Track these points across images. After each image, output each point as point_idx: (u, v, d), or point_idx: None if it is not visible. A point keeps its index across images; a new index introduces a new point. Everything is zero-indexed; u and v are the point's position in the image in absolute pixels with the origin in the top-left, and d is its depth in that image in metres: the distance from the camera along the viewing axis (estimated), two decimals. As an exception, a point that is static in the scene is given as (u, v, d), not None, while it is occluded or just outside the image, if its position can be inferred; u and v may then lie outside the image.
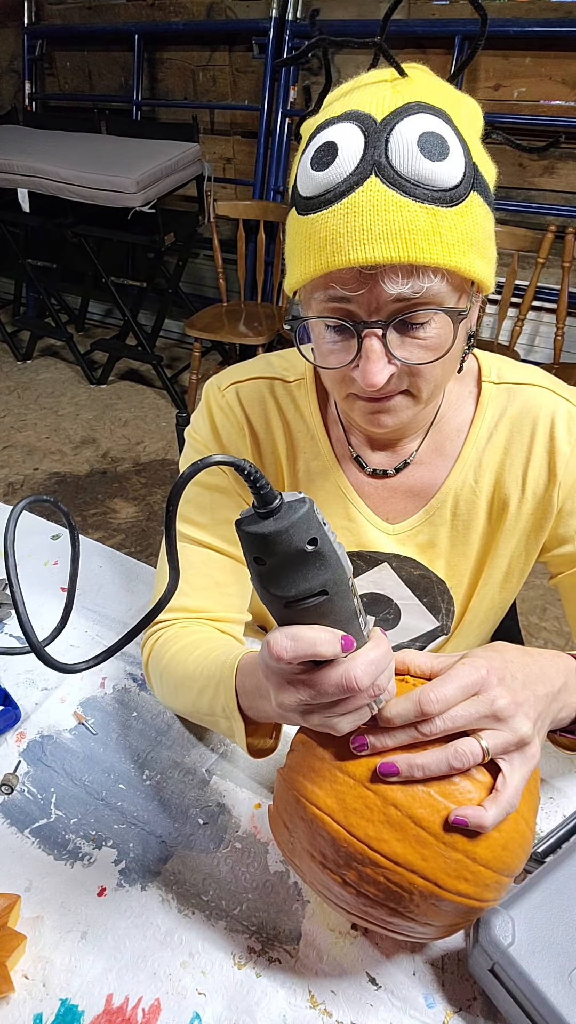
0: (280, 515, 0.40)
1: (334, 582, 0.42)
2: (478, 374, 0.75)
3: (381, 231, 0.52)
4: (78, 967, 0.61)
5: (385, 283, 0.54)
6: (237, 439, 0.79)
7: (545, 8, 2.34)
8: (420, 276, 0.54)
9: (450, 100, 0.56)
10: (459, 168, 0.53)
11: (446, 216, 0.53)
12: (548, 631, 2.06)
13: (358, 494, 0.79)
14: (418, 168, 0.52)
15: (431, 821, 0.49)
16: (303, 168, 0.56)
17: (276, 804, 0.58)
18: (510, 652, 0.56)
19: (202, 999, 0.59)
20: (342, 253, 0.53)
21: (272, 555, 0.41)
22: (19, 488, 2.74)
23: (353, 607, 0.45)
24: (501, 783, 0.50)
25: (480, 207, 0.56)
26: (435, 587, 0.82)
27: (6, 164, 2.90)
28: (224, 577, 0.81)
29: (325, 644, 0.43)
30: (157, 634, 0.80)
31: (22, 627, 0.39)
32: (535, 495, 0.75)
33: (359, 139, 0.53)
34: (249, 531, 0.40)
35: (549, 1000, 0.51)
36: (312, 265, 0.55)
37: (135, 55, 3.20)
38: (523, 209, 2.59)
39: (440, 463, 0.77)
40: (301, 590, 0.42)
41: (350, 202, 0.52)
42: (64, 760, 0.79)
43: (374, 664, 0.45)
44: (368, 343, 0.57)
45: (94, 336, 3.80)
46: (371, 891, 0.50)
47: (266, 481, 0.39)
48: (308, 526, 0.40)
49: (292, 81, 2.89)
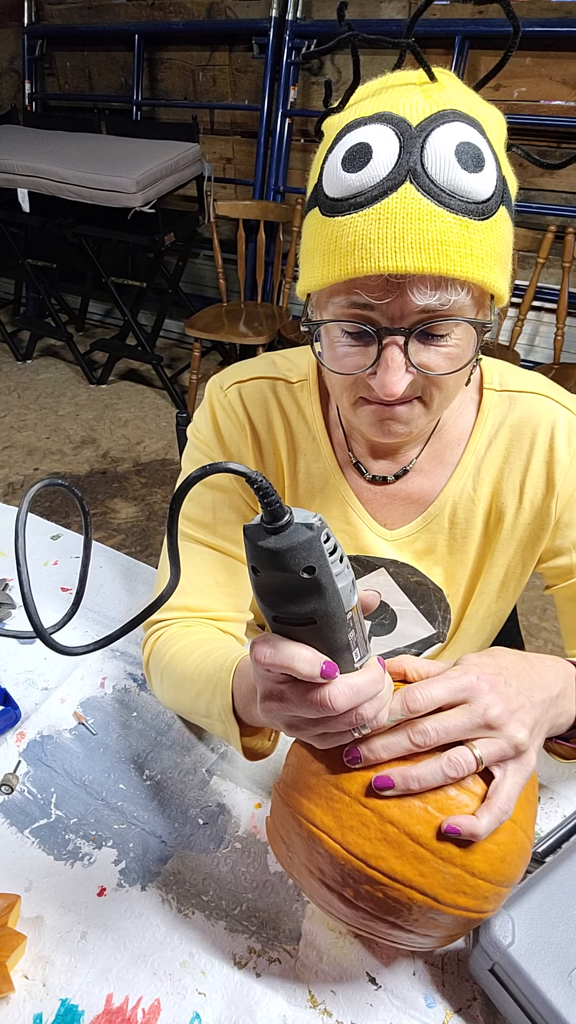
0: (284, 534, 0.39)
1: (325, 613, 0.41)
2: (480, 380, 0.75)
3: (414, 240, 0.51)
4: (78, 967, 0.61)
5: (413, 293, 0.53)
6: (239, 439, 0.79)
7: (545, 8, 2.34)
8: (448, 288, 0.53)
9: (480, 110, 0.55)
10: (492, 181, 0.53)
11: (478, 229, 0.52)
12: (548, 631, 2.06)
13: (357, 499, 0.79)
14: (454, 179, 0.51)
15: (428, 837, 0.48)
16: (332, 168, 0.55)
17: (273, 819, 0.58)
18: (506, 658, 0.55)
19: (202, 999, 0.59)
20: (372, 260, 0.52)
21: (267, 570, 0.40)
22: (19, 488, 2.74)
23: (345, 640, 0.43)
24: (493, 791, 0.49)
25: (506, 222, 0.55)
26: (432, 594, 0.82)
27: (6, 164, 2.90)
28: (225, 576, 0.81)
29: (303, 663, 0.42)
30: (158, 633, 0.80)
31: (27, 611, 0.38)
32: (533, 505, 0.74)
33: (394, 143, 0.52)
34: (251, 541, 0.40)
35: (549, 1000, 0.51)
36: (337, 269, 0.54)
37: (135, 55, 3.20)
38: (523, 209, 2.59)
39: (439, 471, 0.76)
40: (289, 611, 0.42)
41: (383, 208, 0.51)
42: (64, 760, 0.79)
43: (354, 690, 0.44)
44: (389, 352, 0.56)
45: (94, 336, 3.80)
46: (370, 906, 0.50)
47: (276, 497, 0.38)
48: (308, 554, 0.39)
49: (292, 81, 2.89)
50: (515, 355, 2.50)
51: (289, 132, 2.94)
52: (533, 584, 2.34)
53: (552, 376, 2.31)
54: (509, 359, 2.32)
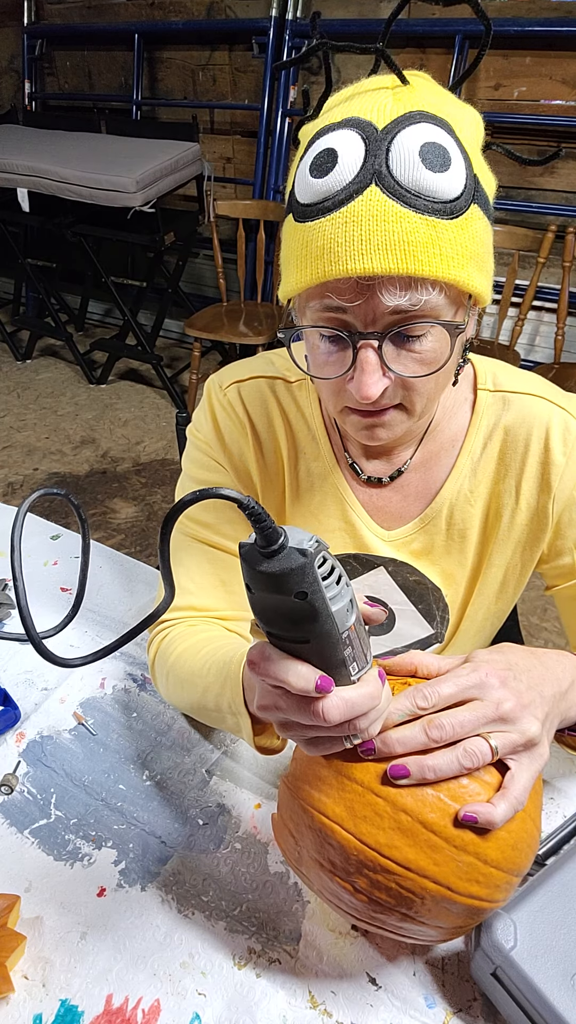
0: (278, 558, 0.38)
1: (319, 634, 0.41)
2: (474, 380, 0.75)
3: (380, 242, 0.51)
4: (78, 967, 0.61)
5: (383, 294, 0.53)
6: (240, 437, 0.78)
7: (545, 8, 2.34)
8: (418, 288, 0.53)
9: (452, 110, 0.55)
10: (460, 180, 0.53)
11: (446, 228, 0.52)
12: (548, 631, 2.06)
13: (356, 498, 0.79)
14: (419, 179, 0.51)
15: (442, 825, 0.49)
16: (301, 174, 0.55)
17: (281, 813, 0.58)
18: (515, 654, 0.56)
19: (202, 999, 0.59)
20: (340, 263, 0.52)
21: (261, 591, 0.40)
22: (19, 488, 2.74)
23: (341, 657, 0.43)
24: (509, 780, 0.50)
25: (480, 220, 0.55)
26: (430, 594, 0.82)
27: (6, 164, 2.90)
28: (229, 576, 0.81)
29: (297, 678, 0.43)
30: (164, 632, 0.80)
31: (23, 619, 0.38)
32: (529, 506, 0.74)
33: (360, 147, 0.52)
34: (244, 560, 0.40)
35: (552, 1004, 0.51)
36: (309, 274, 0.55)
37: (135, 55, 3.19)
38: (523, 209, 2.59)
39: (435, 472, 0.76)
40: (282, 630, 0.42)
41: (349, 211, 0.52)
42: (64, 760, 0.79)
43: (348, 703, 0.44)
44: (363, 354, 0.56)
45: (94, 336, 3.80)
46: (382, 897, 0.50)
47: (270, 521, 0.38)
48: (300, 579, 0.39)
49: (292, 81, 2.89)
50: (515, 355, 2.50)
51: (289, 131, 2.94)
52: (533, 584, 2.32)
53: (552, 376, 2.31)
54: (509, 359, 2.32)
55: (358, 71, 0.58)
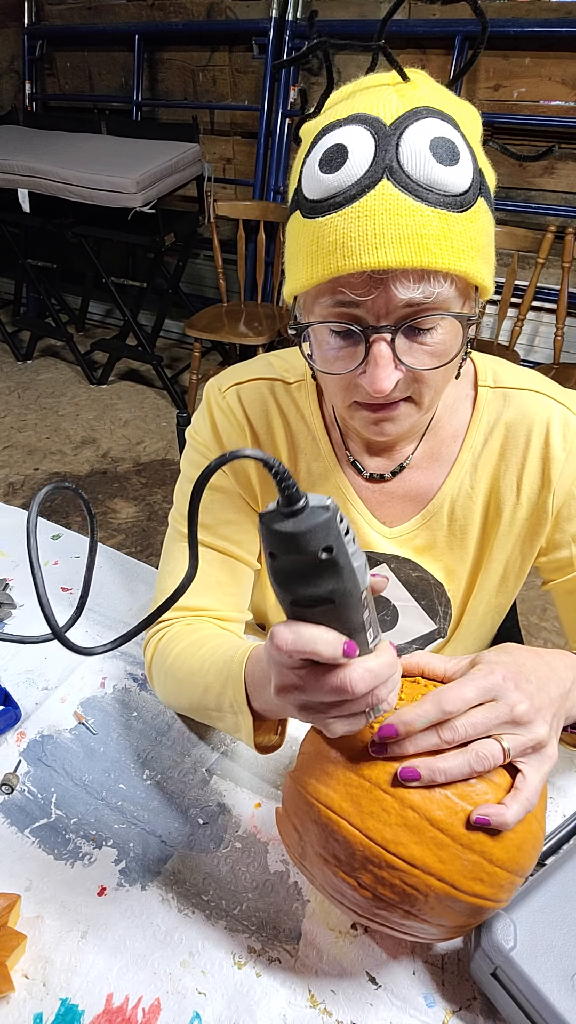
0: (301, 517, 0.40)
1: (342, 592, 0.42)
2: (474, 377, 0.75)
3: (394, 235, 0.51)
4: (78, 967, 0.61)
5: (396, 288, 0.53)
6: (239, 440, 0.79)
7: (545, 8, 2.34)
8: (431, 281, 0.54)
9: (453, 106, 0.56)
10: (468, 174, 0.53)
11: (457, 221, 0.53)
12: (548, 631, 2.06)
13: (358, 496, 0.79)
14: (430, 173, 0.51)
15: (449, 823, 0.49)
16: (310, 170, 0.55)
17: (286, 807, 0.58)
18: (521, 654, 0.56)
19: (202, 999, 0.59)
20: (353, 257, 0.52)
21: (286, 554, 0.41)
22: (19, 488, 2.74)
23: (361, 620, 0.44)
24: (521, 781, 0.50)
25: (486, 213, 0.56)
26: (433, 589, 0.82)
27: (6, 164, 2.90)
28: (226, 576, 0.81)
29: (326, 645, 0.43)
30: (161, 633, 0.80)
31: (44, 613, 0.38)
32: (530, 501, 0.75)
33: (369, 142, 0.52)
34: (268, 526, 0.40)
35: (552, 1004, 0.51)
36: (320, 269, 0.55)
37: (135, 55, 3.19)
38: (523, 209, 2.59)
39: (436, 468, 0.77)
40: (308, 594, 0.42)
41: (361, 205, 0.52)
42: (64, 760, 0.79)
43: (372, 673, 0.45)
44: (377, 348, 0.57)
45: (94, 336, 3.80)
46: (386, 894, 0.50)
47: (293, 481, 0.39)
48: (326, 534, 0.40)
49: (292, 81, 2.89)
50: (515, 355, 2.50)
51: (289, 132, 2.94)
52: (533, 584, 2.33)
53: (552, 376, 2.30)
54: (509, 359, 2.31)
55: (358, 71, 0.58)
